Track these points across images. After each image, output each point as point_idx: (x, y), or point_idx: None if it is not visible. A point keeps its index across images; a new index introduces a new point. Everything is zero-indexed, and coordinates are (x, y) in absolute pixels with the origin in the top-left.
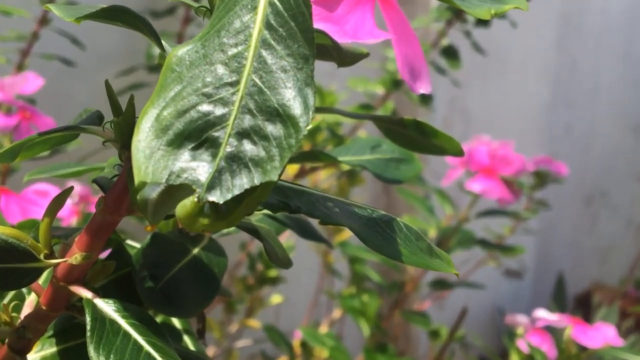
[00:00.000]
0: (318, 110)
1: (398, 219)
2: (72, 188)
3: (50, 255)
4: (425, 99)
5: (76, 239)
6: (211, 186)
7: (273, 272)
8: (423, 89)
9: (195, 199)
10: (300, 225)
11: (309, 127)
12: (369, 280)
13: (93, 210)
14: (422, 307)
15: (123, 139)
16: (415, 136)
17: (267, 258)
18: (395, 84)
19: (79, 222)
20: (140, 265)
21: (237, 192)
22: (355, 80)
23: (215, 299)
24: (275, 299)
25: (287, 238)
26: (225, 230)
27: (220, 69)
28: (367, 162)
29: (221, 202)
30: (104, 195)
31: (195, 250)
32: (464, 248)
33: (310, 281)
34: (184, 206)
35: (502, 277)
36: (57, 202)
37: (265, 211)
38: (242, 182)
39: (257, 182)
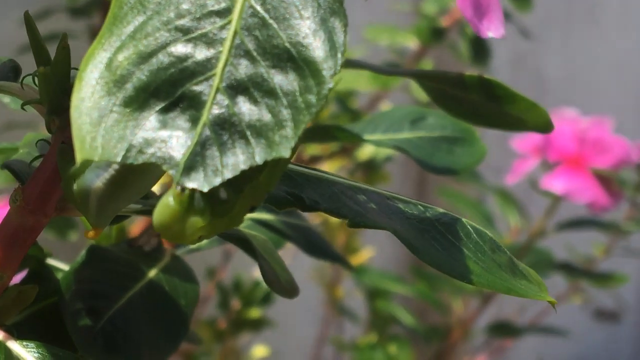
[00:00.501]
0: None
1: (464, 219)
2: None
3: None
4: (481, 56)
5: None
6: (190, 166)
7: (255, 312)
8: (493, 30)
9: (178, 189)
10: (306, 237)
11: (336, 77)
12: (397, 324)
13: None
14: None
15: (53, 99)
16: (480, 102)
17: (245, 292)
18: (435, 34)
19: None
20: (72, 293)
21: (228, 174)
22: (376, 29)
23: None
24: (259, 351)
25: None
26: (193, 244)
27: None
28: (405, 143)
29: (205, 189)
30: (20, 186)
31: (152, 273)
32: (539, 275)
33: (309, 325)
34: (166, 205)
35: (591, 319)
36: None
37: (257, 215)
38: (236, 160)
39: (258, 159)
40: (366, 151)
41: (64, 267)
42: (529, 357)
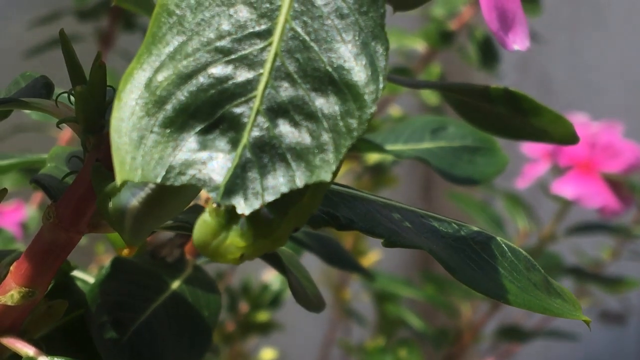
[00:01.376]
0: None
1: (499, 238)
2: (5, 191)
3: None
4: (489, 60)
5: (12, 268)
6: (230, 189)
7: (263, 315)
8: (518, 43)
9: (214, 205)
10: (326, 247)
11: (378, 100)
12: (406, 327)
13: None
14: None
15: (88, 117)
16: (505, 114)
17: (253, 295)
18: (443, 38)
19: None
20: (97, 306)
21: (269, 197)
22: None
23: None
24: (267, 354)
25: None
26: (236, 264)
27: (244, 12)
28: (426, 153)
29: (246, 212)
30: (53, 203)
31: (176, 284)
32: None
33: (317, 328)
34: (203, 221)
35: (596, 321)
36: None
37: None
38: (277, 183)
39: (299, 183)
40: (374, 155)
41: (85, 276)
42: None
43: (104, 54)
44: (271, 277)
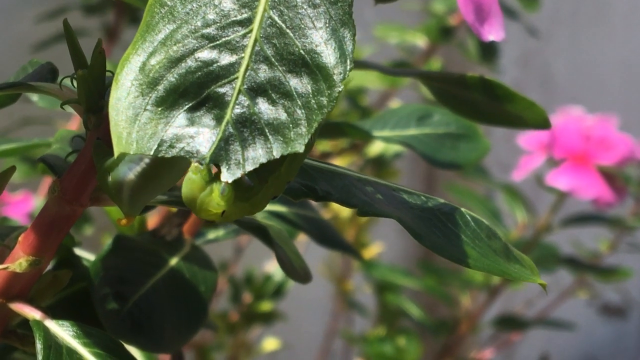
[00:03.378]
0: None
1: (463, 209)
2: (13, 168)
3: None
4: (489, 55)
5: (20, 238)
6: (215, 160)
7: (266, 305)
8: (493, 34)
9: (196, 164)
10: (318, 228)
11: (346, 81)
12: (406, 317)
13: (9, 213)
14: (482, 357)
15: (89, 99)
16: (482, 101)
17: (256, 286)
18: (443, 33)
19: None
20: (100, 279)
21: (249, 167)
22: (386, 27)
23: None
24: (270, 344)
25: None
26: (212, 235)
27: (227, 3)
28: (412, 139)
29: (229, 180)
30: (58, 178)
31: (174, 261)
32: (544, 270)
33: (319, 318)
34: (189, 179)
35: (597, 314)
36: None
37: (271, 207)
38: (256, 154)
39: (276, 154)
40: (375, 148)
41: (87, 255)
42: (535, 352)
43: (110, 48)
44: (274, 267)
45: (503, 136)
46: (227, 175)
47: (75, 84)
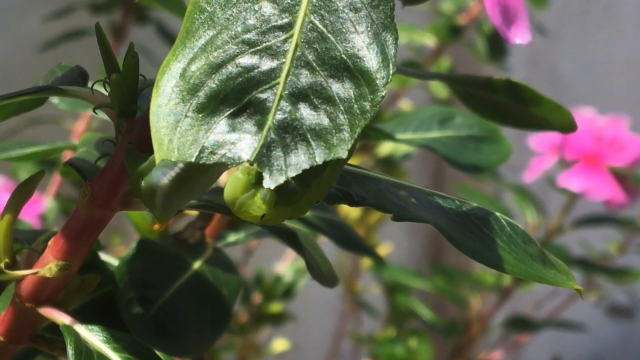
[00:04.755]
0: None
1: (498, 214)
2: (42, 173)
3: (12, 265)
4: (498, 55)
5: (50, 243)
6: (257, 166)
7: (276, 306)
8: (520, 37)
9: (246, 164)
10: (339, 230)
11: (389, 85)
12: (416, 318)
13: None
14: (491, 358)
15: (122, 104)
16: (508, 103)
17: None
18: (452, 32)
19: None
20: (125, 283)
21: (292, 173)
22: None
23: None
24: (279, 345)
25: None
26: (232, 238)
27: (267, 8)
28: (434, 142)
29: (272, 187)
30: (88, 182)
31: (197, 265)
32: None
33: (328, 319)
34: (235, 177)
35: (605, 316)
36: (21, 194)
37: None
38: (298, 161)
39: (319, 160)
40: (385, 148)
41: (109, 259)
42: (543, 353)
43: (117, 46)
44: (284, 268)
45: (513, 137)
46: (270, 182)
47: (106, 87)
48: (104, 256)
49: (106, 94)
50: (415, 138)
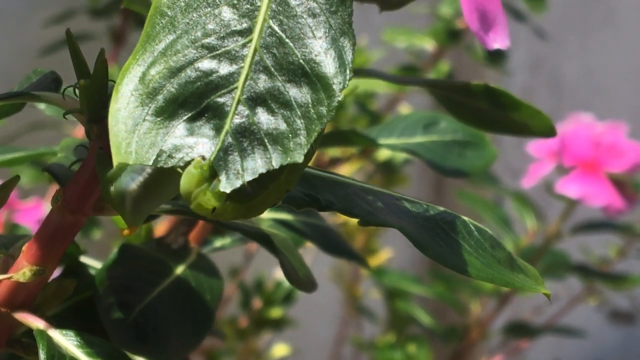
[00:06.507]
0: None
1: (465, 218)
2: (17, 178)
3: None
4: (497, 59)
5: (24, 248)
6: (214, 169)
7: (276, 312)
8: (498, 42)
9: (199, 158)
10: (324, 235)
11: (345, 90)
12: (416, 324)
13: (20, 220)
14: None
15: (92, 109)
16: (486, 109)
17: (266, 291)
18: (451, 37)
19: None
20: (105, 288)
21: (248, 177)
22: (394, 31)
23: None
24: (280, 350)
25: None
26: (218, 244)
27: (227, 13)
28: (418, 147)
29: (228, 190)
30: (61, 188)
31: (180, 270)
32: (555, 277)
33: (329, 324)
34: (188, 172)
35: (605, 321)
36: None
37: (276, 215)
38: (255, 165)
39: (275, 164)
40: (385, 153)
41: (94, 263)
42: (545, 358)
43: (116, 51)
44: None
45: (513, 142)
46: (226, 185)
47: (76, 93)
48: (87, 259)
49: (77, 99)
50: (399, 143)
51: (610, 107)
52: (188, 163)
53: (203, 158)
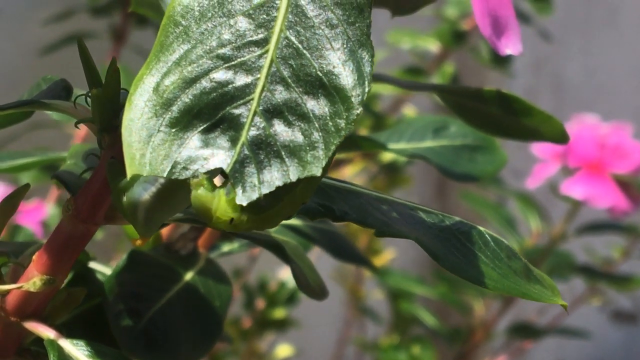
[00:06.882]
0: None
1: (482, 228)
2: (27, 187)
3: None
4: (502, 61)
5: (34, 257)
6: (231, 182)
7: (279, 313)
8: (510, 47)
9: (196, 180)
10: (333, 240)
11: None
12: (420, 325)
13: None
14: None
15: (104, 118)
16: (499, 114)
17: (270, 292)
18: (456, 38)
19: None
20: (114, 296)
21: (265, 190)
22: (398, 32)
23: None
24: (283, 350)
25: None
26: (226, 248)
27: (243, 22)
28: (428, 152)
29: (245, 203)
30: (72, 197)
31: (189, 276)
32: (560, 278)
33: (332, 325)
34: (197, 196)
35: (608, 321)
36: (9, 205)
37: (286, 221)
38: (271, 178)
39: (292, 177)
40: (388, 155)
41: (102, 268)
42: (549, 358)
43: (117, 50)
44: (288, 274)
45: (515, 144)
46: (243, 199)
47: (89, 101)
48: (95, 265)
49: (89, 107)
50: (409, 148)
51: (612, 107)
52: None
53: (195, 176)
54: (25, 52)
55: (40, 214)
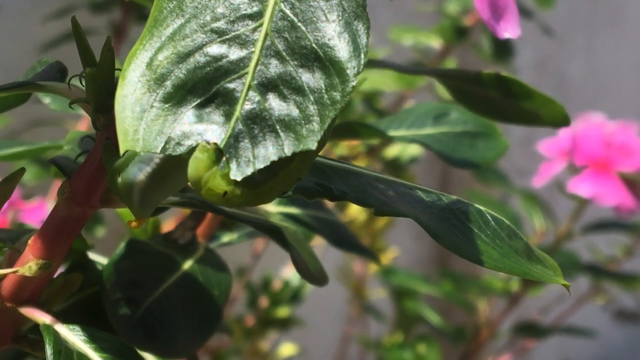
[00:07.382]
0: None
1: (482, 207)
2: (23, 170)
3: None
4: (504, 56)
5: (29, 242)
6: (225, 156)
7: (283, 311)
8: (509, 31)
9: (203, 143)
10: (334, 230)
11: (360, 75)
12: (424, 323)
13: (26, 219)
14: None
15: (98, 98)
16: (498, 98)
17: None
18: (458, 34)
19: None
20: (112, 284)
21: (260, 165)
22: (400, 29)
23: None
24: (286, 349)
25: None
26: (226, 239)
27: None
28: (428, 138)
29: (239, 178)
30: (67, 180)
31: (187, 265)
32: (565, 277)
33: (335, 324)
34: (195, 157)
35: (612, 320)
36: (4, 188)
37: (285, 209)
38: (267, 152)
39: (287, 151)
40: (391, 151)
41: (101, 259)
42: (552, 357)
43: (118, 45)
44: (291, 273)
45: (519, 141)
46: (237, 174)
47: (82, 82)
48: (94, 255)
49: (84, 88)
50: (409, 135)
51: (616, 106)
52: (194, 150)
53: (207, 143)
54: (26, 48)
55: (42, 212)
